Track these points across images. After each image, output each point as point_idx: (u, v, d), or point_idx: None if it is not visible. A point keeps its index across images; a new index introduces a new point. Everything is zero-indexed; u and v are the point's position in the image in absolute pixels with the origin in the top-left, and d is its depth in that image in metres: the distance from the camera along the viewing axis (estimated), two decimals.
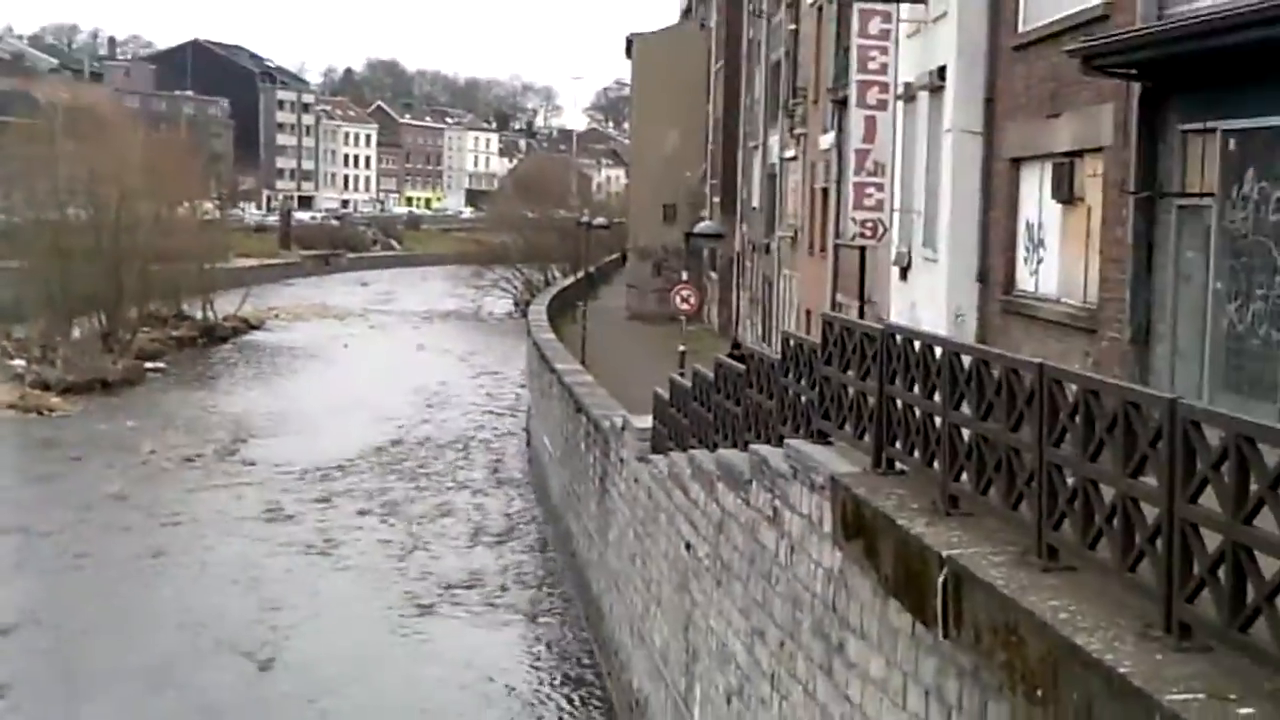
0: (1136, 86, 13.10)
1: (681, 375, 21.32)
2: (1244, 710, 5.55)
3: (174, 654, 22.94)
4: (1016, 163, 17.16)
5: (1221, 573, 5.99)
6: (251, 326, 75.84)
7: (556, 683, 22.27)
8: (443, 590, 27.01)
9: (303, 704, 21.11)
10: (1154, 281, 13.09)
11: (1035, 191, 16.50)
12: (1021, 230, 17.01)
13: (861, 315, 24.23)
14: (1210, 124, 12.02)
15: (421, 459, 40.76)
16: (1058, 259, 15.82)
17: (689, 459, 16.20)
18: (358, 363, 62.93)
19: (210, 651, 23.15)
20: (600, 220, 64.32)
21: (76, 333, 57.38)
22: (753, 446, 13.25)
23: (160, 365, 59.41)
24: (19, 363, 52.90)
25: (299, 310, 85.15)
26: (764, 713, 12.09)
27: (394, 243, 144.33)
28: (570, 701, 21.45)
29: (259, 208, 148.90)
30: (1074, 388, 7.45)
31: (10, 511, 32.65)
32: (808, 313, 35.38)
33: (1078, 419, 7.29)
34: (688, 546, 15.76)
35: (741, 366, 15.28)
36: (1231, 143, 11.68)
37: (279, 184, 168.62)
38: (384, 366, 60.55)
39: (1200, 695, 5.69)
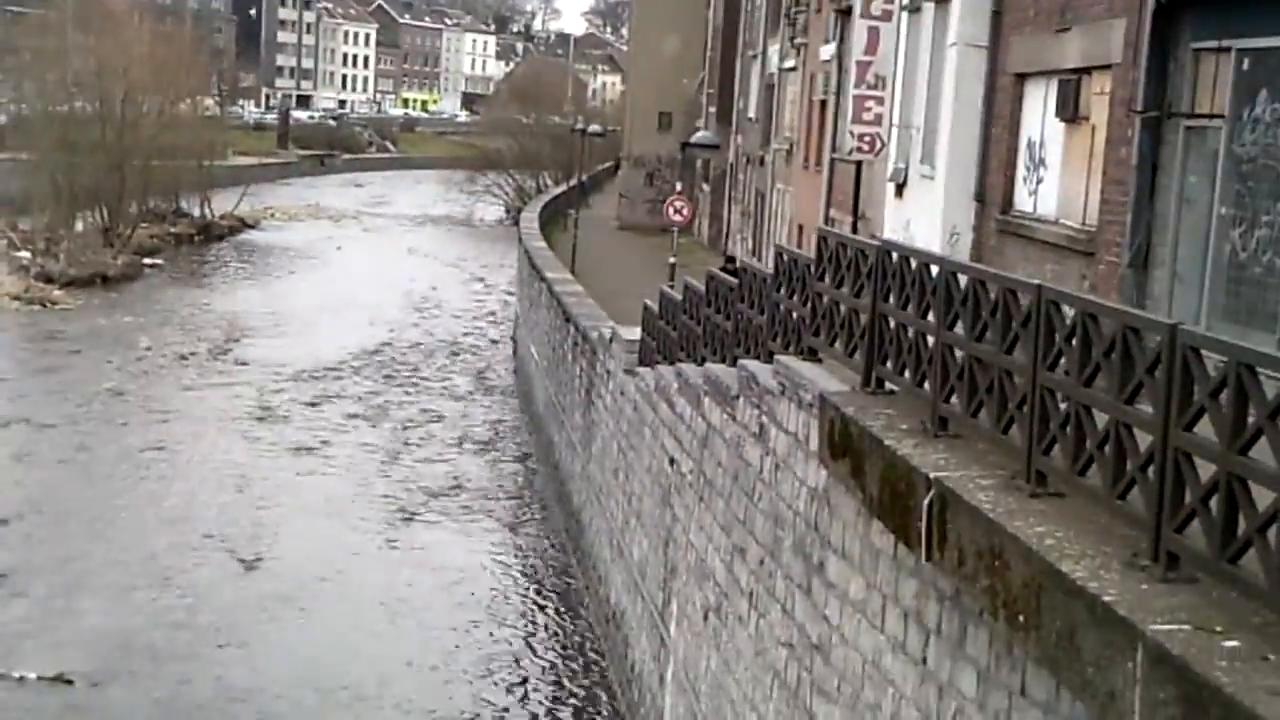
0: (1150, 1, 12.76)
1: (671, 288, 21.12)
2: (1230, 643, 5.39)
3: (165, 548, 23.09)
4: (1021, 78, 16.81)
5: (1213, 503, 5.81)
6: (247, 225, 75.83)
7: (532, 592, 22.28)
8: (425, 496, 27.01)
9: (284, 603, 21.18)
10: (1156, 205, 12.81)
11: (1039, 109, 16.17)
12: (1022, 149, 16.70)
13: (854, 231, 23.96)
14: (1224, 42, 11.69)
15: (410, 364, 40.73)
16: (1058, 179, 15.53)
17: (676, 373, 16.01)
18: (350, 265, 62.92)
19: (199, 547, 23.26)
20: (595, 128, 63.68)
21: (79, 226, 57.62)
22: (741, 362, 13.05)
23: (158, 261, 59.75)
24: (24, 254, 53.31)
25: (294, 211, 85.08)
26: (741, 630, 11.97)
27: (389, 145, 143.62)
28: (546, 611, 21.45)
29: (258, 105, 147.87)
30: (1072, 310, 7.24)
31: (14, 403, 33.08)
32: (800, 228, 35.08)
33: (1074, 342, 7.08)
34: (671, 461, 15.60)
35: (733, 280, 15.04)
36: (1245, 62, 11.36)
37: (278, 82, 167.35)
38: (375, 270, 60.52)
39: (1186, 626, 5.54)
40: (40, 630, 19.37)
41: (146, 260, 58.70)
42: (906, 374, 9.52)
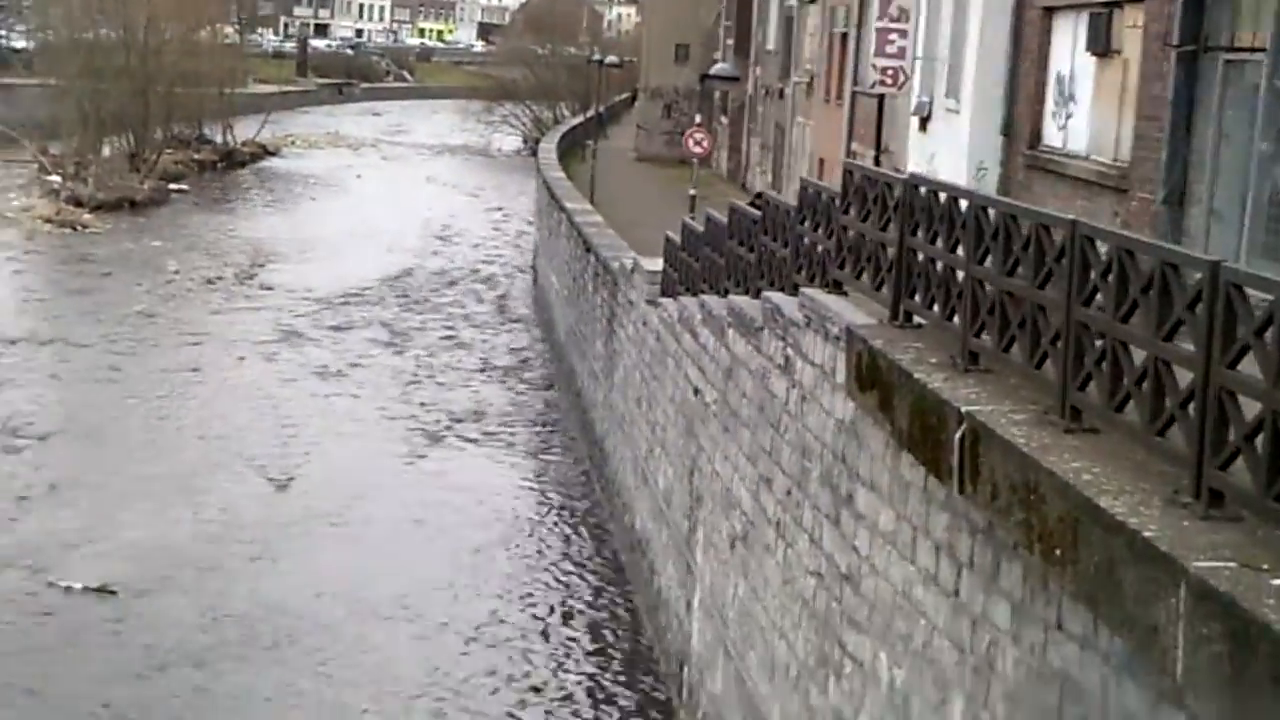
0: None
1: (692, 219, 21.10)
2: (1277, 581, 5.38)
3: (198, 467, 23.43)
4: (1050, 11, 16.70)
5: (1259, 441, 5.79)
6: (269, 153, 75.85)
7: (556, 516, 22.43)
8: (449, 421, 27.20)
9: (313, 520, 21.45)
10: (1193, 140, 12.71)
11: (1069, 42, 16.08)
12: (1051, 83, 16.62)
13: (877, 165, 23.88)
14: None
15: (431, 291, 40.88)
16: (1089, 114, 15.45)
17: (700, 304, 16.03)
18: (370, 193, 62.92)
19: (232, 465, 23.59)
20: (612, 59, 63.26)
21: (106, 151, 57.85)
22: (765, 294, 13.06)
23: (183, 187, 60.08)
24: (55, 178, 53.82)
25: (314, 138, 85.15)
26: (768, 559, 12.06)
27: (406, 74, 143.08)
28: (570, 535, 21.57)
29: (276, 34, 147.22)
30: (1106, 246, 7.23)
31: (50, 323, 33.61)
32: (821, 161, 34.96)
33: (1110, 278, 7.07)
34: (695, 391, 15.65)
35: (756, 212, 15.02)
36: None
37: (296, 10, 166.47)
38: (395, 198, 60.51)
39: (1231, 563, 5.53)
40: (84, 542, 19.73)
41: (172, 186, 59.08)
42: (935, 308, 9.54)
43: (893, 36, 23.69)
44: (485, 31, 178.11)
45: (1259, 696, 5.03)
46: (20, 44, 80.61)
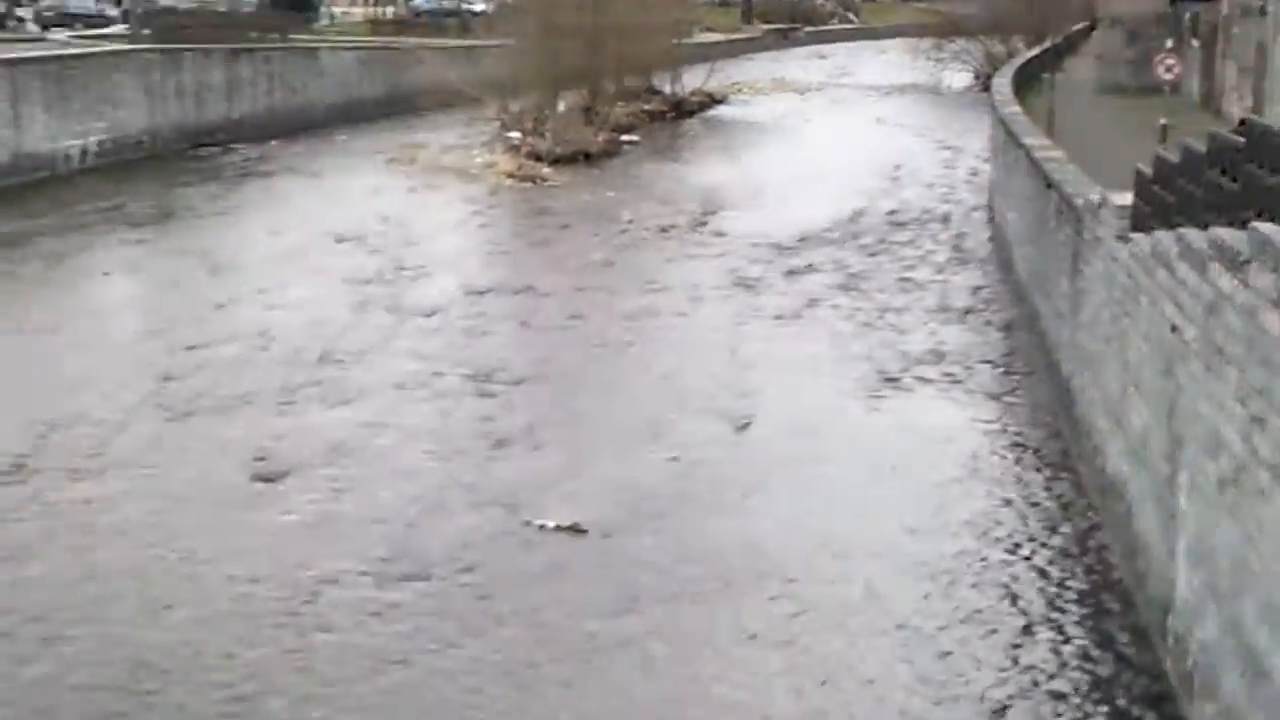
0: None
1: (1163, 150, 20.17)
2: None
3: (659, 410, 23.92)
4: None
5: None
6: (716, 101, 77.22)
7: (1023, 459, 21.84)
8: (906, 362, 26.94)
9: (772, 461, 21.52)
10: None
11: None
12: None
13: None
14: None
15: (884, 232, 40.64)
16: None
17: (1176, 237, 15.23)
18: (817, 137, 63.07)
19: (692, 409, 23.97)
20: None
21: (561, 107, 59.97)
22: (1254, 225, 12.25)
23: (634, 138, 61.88)
24: (515, 135, 56.55)
25: (760, 84, 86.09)
26: (1262, 504, 11.37)
27: (851, 15, 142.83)
28: (1041, 476, 20.95)
29: None
30: None
31: (517, 273, 35.33)
32: None
33: None
34: (1173, 329, 14.92)
35: (1239, 140, 14.17)
36: None
37: None
38: (843, 140, 60.49)
39: None
40: (555, 482, 20.46)
41: (624, 137, 60.95)
42: None
43: None
44: None
45: None
46: (479, 7, 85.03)
